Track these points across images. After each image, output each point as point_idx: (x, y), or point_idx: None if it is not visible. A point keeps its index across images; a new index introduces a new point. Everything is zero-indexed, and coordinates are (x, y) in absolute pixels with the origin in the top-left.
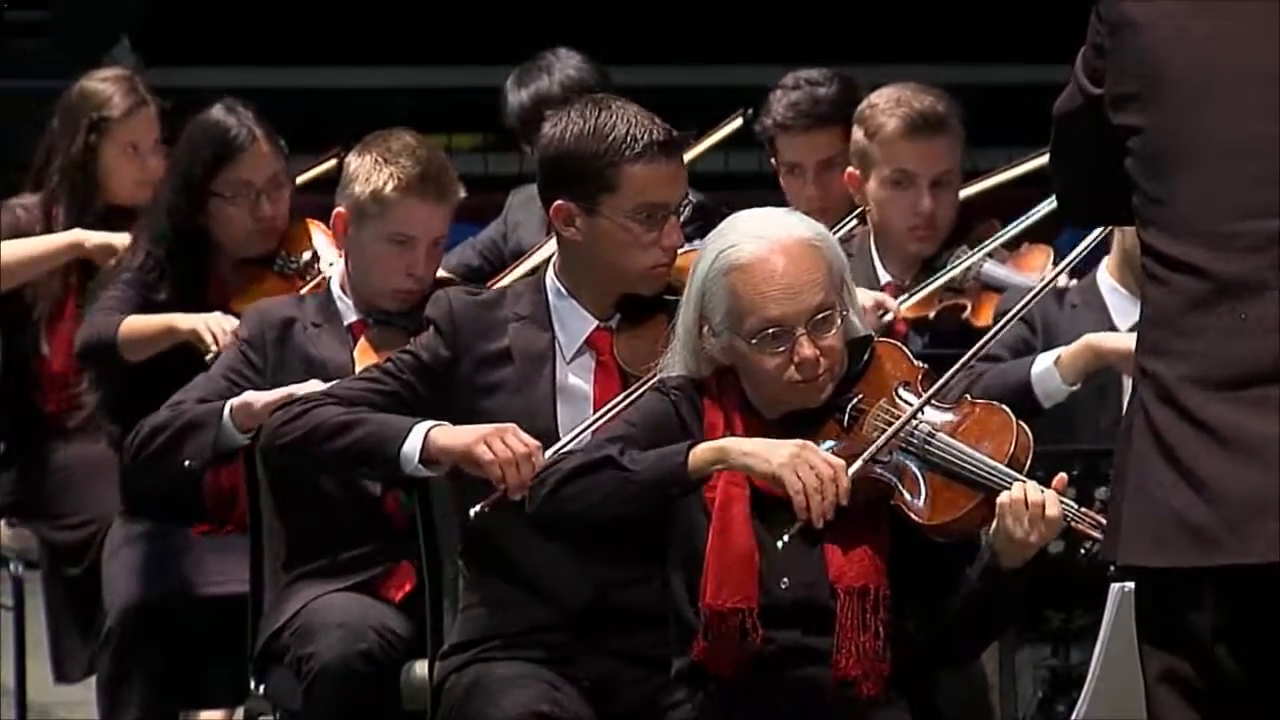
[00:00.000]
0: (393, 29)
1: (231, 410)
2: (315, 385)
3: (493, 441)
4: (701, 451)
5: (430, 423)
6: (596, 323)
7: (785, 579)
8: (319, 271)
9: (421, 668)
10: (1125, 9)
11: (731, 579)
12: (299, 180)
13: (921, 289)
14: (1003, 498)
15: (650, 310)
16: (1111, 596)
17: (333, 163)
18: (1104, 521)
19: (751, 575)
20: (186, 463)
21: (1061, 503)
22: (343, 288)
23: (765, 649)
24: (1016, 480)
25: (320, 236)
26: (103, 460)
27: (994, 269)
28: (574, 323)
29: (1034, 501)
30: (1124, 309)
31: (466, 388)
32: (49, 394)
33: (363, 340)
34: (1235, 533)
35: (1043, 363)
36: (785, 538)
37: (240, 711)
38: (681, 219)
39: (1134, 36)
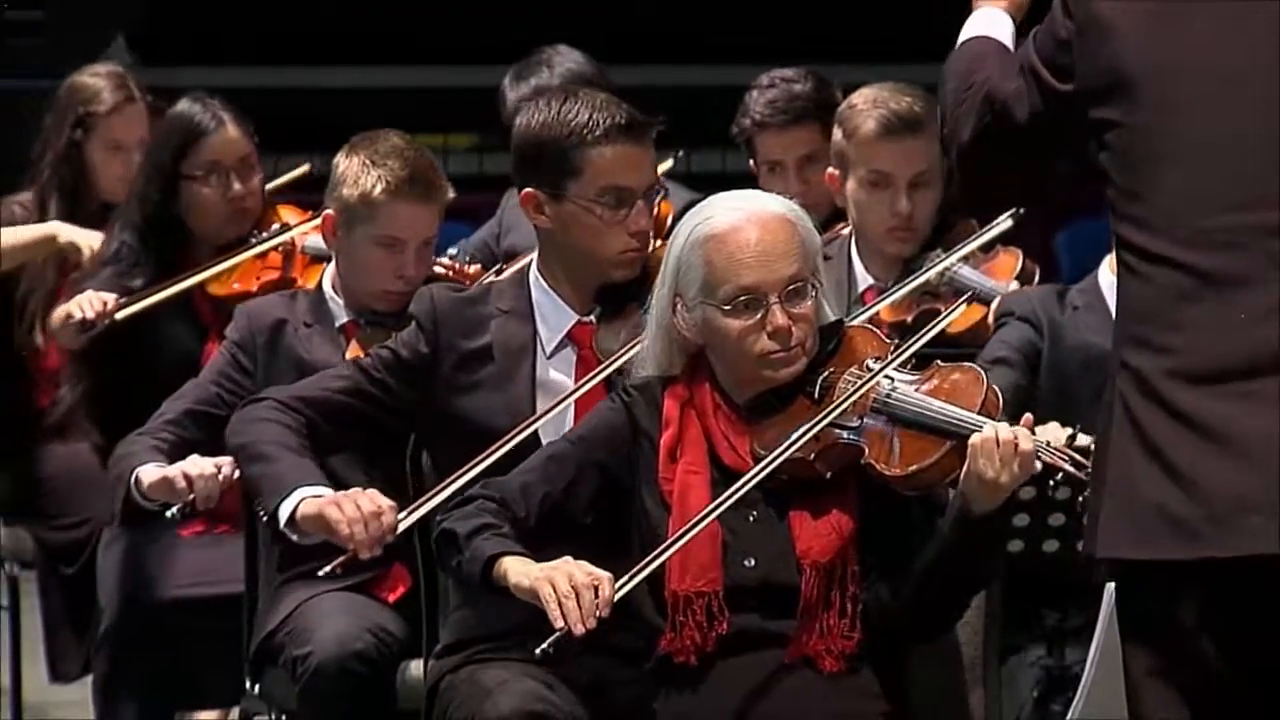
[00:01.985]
0: (391, 29)
1: (135, 479)
2: (194, 462)
3: (343, 503)
4: (498, 567)
5: (314, 490)
6: (577, 316)
7: (751, 559)
8: (291, 240)
9: (417, 667)
10: (1095, 8)
11: (695, 562)
12: (268, 187)
13: (893, 293)
14: (974, 439)
15: (629, 302)
16: (1107, 595)
17: (303, 169)
18: (1076, 456)
19: (716, 558)
20: (112, 518)
21: (1032, 440)
22: (334, 288)
23: (730, 633)
24: (986, 423)
25: (290, 215)
26: (97, 461)
27: (966, 273)
28: (555, 317)
29: (1005, 439)
30: None
31: (446, 386)
32: (43, 390)
33: (354, 342)
34: (1218, 526)
35: None
36: (544, 648)
37: (236, 711)
38: (662, 207)
39: (1105, 35)
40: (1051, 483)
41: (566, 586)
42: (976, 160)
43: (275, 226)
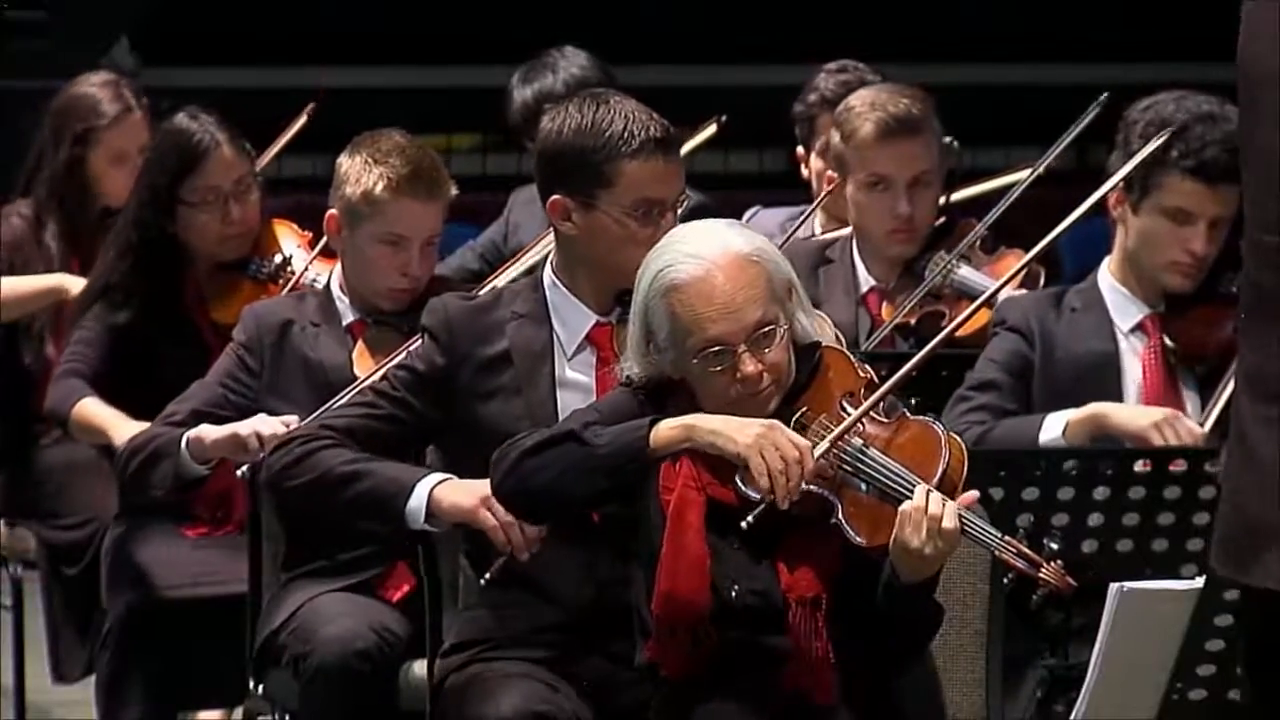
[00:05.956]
0: (392, 29)
1: (188, 442)
2: (264, 421)
3: (494, 508)
4: (666, 429)
5: (435, 478)
6: (596, 318)
7: (736, 586)
8: (293, 273)
9: (420, 667)
10: None
11: (682, 584)
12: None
13: (909, 302)
14: (904, 506)
15: None
16: (1110, 596)
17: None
18: (1029, 552)
19: (703, 582)
20: (153, 491)
21: (984, 529)
22: (341, 288)
23: (718, 649)
24: (918, 490)
25: (289, 237)
26: (101, 461)
27: (967, 274)
28: (574, 319)
29: (933, 513)
30: (1124, 308)
31: (467, 395)
32: (47, 394)
33: (361, 341)
34: (1246, 554)
35: (1050, 430)
36: (750, 519)
37: (239, 711)
38: (679, 215)
39: None
40: (1006, 579)
41: (778, 462)
42: None
43: (278, 258)
